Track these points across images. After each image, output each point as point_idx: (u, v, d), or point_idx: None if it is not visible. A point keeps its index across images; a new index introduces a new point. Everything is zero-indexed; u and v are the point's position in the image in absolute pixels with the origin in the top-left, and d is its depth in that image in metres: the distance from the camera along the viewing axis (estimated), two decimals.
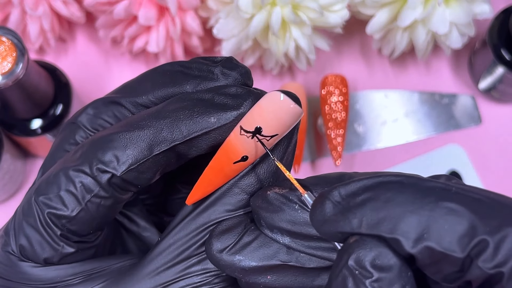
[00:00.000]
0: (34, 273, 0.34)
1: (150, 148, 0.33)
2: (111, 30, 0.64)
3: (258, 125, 0.32)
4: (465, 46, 0.64)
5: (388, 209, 0.27)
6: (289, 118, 0.32)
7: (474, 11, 0.60)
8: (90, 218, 0.34)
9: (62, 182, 0.33)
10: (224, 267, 0.32)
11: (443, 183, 0.28)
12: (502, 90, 0.66)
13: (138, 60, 0.69)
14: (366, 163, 0.67)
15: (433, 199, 0.27)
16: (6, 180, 0.62)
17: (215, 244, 0.32)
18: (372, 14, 0.62)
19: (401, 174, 0.29)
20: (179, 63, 0.35)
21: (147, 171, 0.33)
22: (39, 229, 0.34)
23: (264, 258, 0.32)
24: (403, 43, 0.63)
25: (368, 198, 0.28)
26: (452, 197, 0.27)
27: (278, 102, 0.31)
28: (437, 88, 0.69)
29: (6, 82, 0.51)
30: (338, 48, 0.70)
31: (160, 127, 0.33)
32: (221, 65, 0.34)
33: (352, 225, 0.28)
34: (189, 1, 0.60)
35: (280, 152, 0.34)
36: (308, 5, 0.57)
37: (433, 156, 0.67)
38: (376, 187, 0.28)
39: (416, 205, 0.27)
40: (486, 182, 0.67)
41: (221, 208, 0.33)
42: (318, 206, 0.29)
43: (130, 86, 0.36)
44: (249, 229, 0.32)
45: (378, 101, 0.69)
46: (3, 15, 0.64)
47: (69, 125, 0.36)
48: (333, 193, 0.29)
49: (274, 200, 0.32)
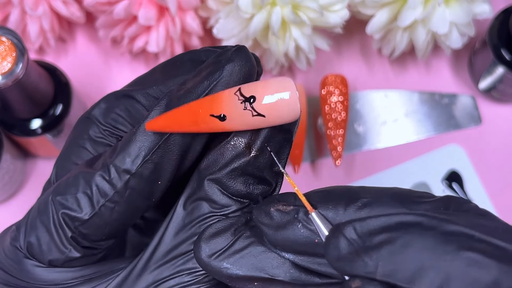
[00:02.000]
0: (36, 272, 0.34)
1: (160, 133, 0.32)
2: (111, 30, 0.64)
3: (254, 95, 0.31)
4: (465, 46, 0.64)
5: (406, 255, 0.26)
6: (285, 111, 0.31)
7: (474, 11, 0.60)
8: (103, 223, 0.33)
9: (80, 184, 0.33)
10: (211, 272, 0.32)
11: (466, 225, 0.26)
12: (502, 90, 0.66)
13: (138, 60, 0.69)
14: (366, 163, 0.67)
15: (454, 247, 0.26)
16: (6, 180, 0.62)
17: (203, 248, 0.32)
18: (372, 14, 0.62)
19: (421, 214, 0.27)
20: (188, 53, 0.35)
21: (163, 161, 0.33)
22: (50, 229, 0.34)
23: (252, 269, 0.31)
24: (403, 43, 0.63)
25: (386, 241, 0.27)
26: (474, 246, 0.26)
27: (287, 91, 0.31)
28: (437, 88, 0.69)
29: (6, 82, 0.51)
30: (338, 48, 0.70)
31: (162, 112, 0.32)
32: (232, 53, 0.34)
33: (367, 269, 0.27)
34: (189, 1, 0.60)
35: (264, 158, 0.33)
36: (308, 5, 0.57)
37: (433, 156, 0.67)
38: (395, 228, 0.27)
39: (436, 253, 0.26)
40: (486, 182, 0.67)
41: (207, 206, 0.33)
42: (332, 241, 0.28)
43: (142, 79, 0.36)
44: (242, 235, 0.32)
45: (378, 101, 0.69)
46: (3, 15, 0.64)
47: (83, 120, 0.36)
48: (348, 228, 0.28)
49: (277, 218, 0.31)
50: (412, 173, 0.67)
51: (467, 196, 0.66)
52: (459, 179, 0.67)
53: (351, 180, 0.67)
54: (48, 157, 0.66)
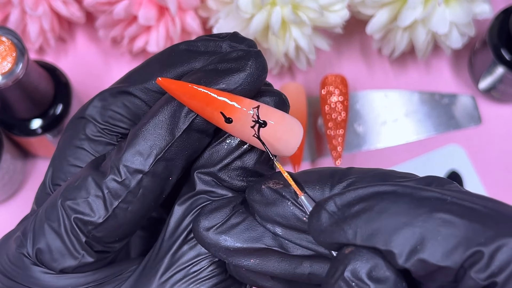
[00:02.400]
0: (45, 279, 0.34)
1: (171, 132, 0.32)
2: (111, 30, 0.64)
3: (267, 122, 0.32)
4: (465, 46, 0.64)
5: (382, 220, 0.28)
6: (282, 148, 0.32)
7: (474, 11, 0.60)
8: (117, 224, 0.33)
9: (90, 187, 0.33)
10: (209, 246, 0.32)
11: (439, 192, 0.28)
12: (502, 90, 0.66)
13: (138, 60, 0.69)
14: (366, 163, 0.67)
15: (427, 209, 0.27)
16: (6, 180, 0.62)
17: (202, 221, 0.32)
18: (372, 14, 0.62)
19: (396, 183, 0.29)
20: (183, 43, 0.35)
21: (175, 157, 0.33)
22: (61, 235, 0.33)
23: (249, 240, 0.32)
24: (403, 43, 0.63)
25: (363, 209, 0.28)
26: (447, 207, 0.27)
27: (294, 137, 0.32)
28: (437, 88, 0.69)
29: (6, 82, 0.51)
30: (338, 48, 0.70)
31: (173, 109, 0.32)
32: (229, 39, 0.34)
33: (348, 236, 0.28)
34: (189, 1, 0.60)
35: (256, 152, 0.33)
36: (308, 5, 0.57)
37: (433, 156, 0.67)
38: (371, 197, 0.28)
39: (410, 216, 0.27)
40: (486, 182, 0.67)
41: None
42: (314, 216, 0.29)
43: (136, 73, 0.35)
44: (238, 211, 0.32)
45: (378, 101, 0.69)
46: (3, 15, 0.64)
47: (77, 120, 0.35)
48: (329, 203, 0.29)
49: (268, 194, 0.32)
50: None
51: None
52: (459, 179, 0.67)
53: None
54: (48, 157, 0.66)
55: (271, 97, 0.33)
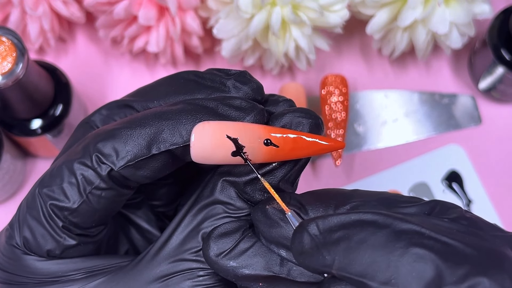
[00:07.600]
0: (37, 266, 0.35)
1: (149, 147, 0.33)
2: (111, 30, 0.64)
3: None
4: (465, 46, 0.64)
5: (360, 252, 0.28)
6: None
7: (474, 11, 0.60)
8: (92, 210, 0.34)
9: (65, 174, 0.34)
10: (219, 271, 0.33)
11: (418, 224, 0.28)
12: (502, 90, 0.66)
13: (138, 60, 0.69)
14: (366, 163, 0.67)
15: (404, 243, 0.28)
16: (6, 180, 0.62)
17: (212, 247, 0.33)
18: (372, 14, 0.62)
19: (378, 213, 0.29)
20: (194, 73, 0.36)
21: (144, 168, 0.34)
22: (41, 221, 0.34)
23: (257, 268, 0.32)
24: (403, 43, 0.63)
25: (343, 237, 0.29)
26: (423, 243, 0.28)
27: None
28: (437, 88, 0.69)
29: (6, 82, 0.51)
30: (338, 48, 0.70)
31: (162, 127, 0.33)
32: (234, 78, 0.35)
33: (325, 263, 0.29)
34: (189, 1, 0.60)
35: (284, 170, 0.34)
36: (308, 5, 0.57)
37: (433, 156, 0.67)
38: (352, 225, 0.29)
39: (387, 249, 0.28)
40: (486, 182, 0.67)
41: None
42: (297, 236, 0.30)
43: (144, 91, 0.37)
44: (247, 236, 0.33)
45: (378, 101, 0.69)
46: (3, 15, 0.64)
47: (83, 125, 0.37)
48: (311, 225, 0.30)
49: (272, 215, 0.32)
50: (412, 173, 0.67)
51: (467, 196, 0.66)
52: (459, 179, 0.67)
53: (351, 180, 0.67)
54: (48, 157, 0.66)
55: (307, 119, 0.34)
